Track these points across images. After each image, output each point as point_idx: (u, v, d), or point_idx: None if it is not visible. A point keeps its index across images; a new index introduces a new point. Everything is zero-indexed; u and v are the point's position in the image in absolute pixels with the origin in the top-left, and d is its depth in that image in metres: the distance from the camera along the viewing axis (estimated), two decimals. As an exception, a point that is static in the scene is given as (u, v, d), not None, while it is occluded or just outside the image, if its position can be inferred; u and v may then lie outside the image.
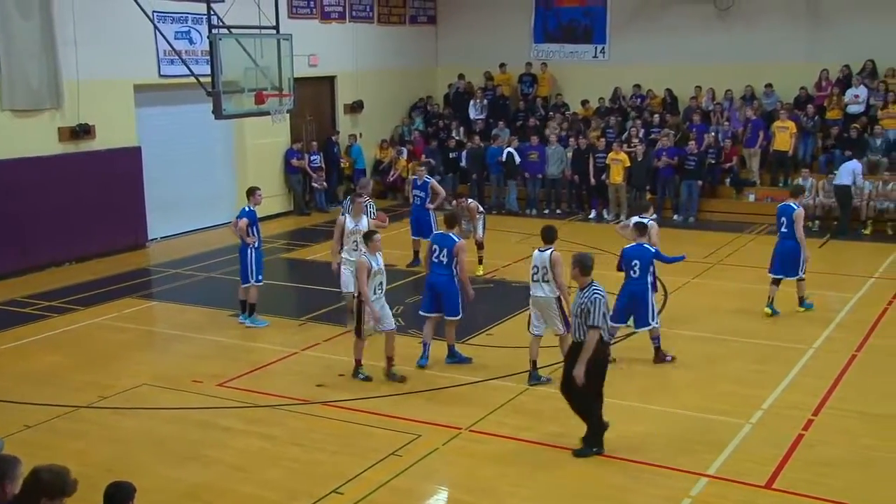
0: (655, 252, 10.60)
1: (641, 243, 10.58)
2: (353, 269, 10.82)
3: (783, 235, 12.36)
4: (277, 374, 10.61)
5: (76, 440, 8.79)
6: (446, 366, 10.56)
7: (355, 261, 10.74)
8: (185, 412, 9.44)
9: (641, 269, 10.45)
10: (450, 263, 10.43)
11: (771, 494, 7.52)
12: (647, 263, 10.46)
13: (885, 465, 8.04)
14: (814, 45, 20.60)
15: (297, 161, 20.31)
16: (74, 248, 16.05)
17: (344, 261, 11.70)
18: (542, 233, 10.01)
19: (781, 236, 12.40)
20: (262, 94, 13.70)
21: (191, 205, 18.54)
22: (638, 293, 10.46)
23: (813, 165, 19.24)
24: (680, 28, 21.71)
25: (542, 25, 23.74)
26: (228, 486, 7.81)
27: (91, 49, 15.93)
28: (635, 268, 10.46)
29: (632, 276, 10.49)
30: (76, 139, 16.05)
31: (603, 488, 7.69)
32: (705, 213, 19.40)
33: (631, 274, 10.50)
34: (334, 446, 8.55)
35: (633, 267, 10.47)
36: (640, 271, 10.45)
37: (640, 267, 10.44)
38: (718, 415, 9.09)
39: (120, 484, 5.06)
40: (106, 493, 4.99)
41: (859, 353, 10.89)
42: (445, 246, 10.45)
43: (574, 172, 20.11)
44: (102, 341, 11.89)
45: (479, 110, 23.09)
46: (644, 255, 10.47)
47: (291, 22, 18.59)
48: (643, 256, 10.45)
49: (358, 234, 11.42)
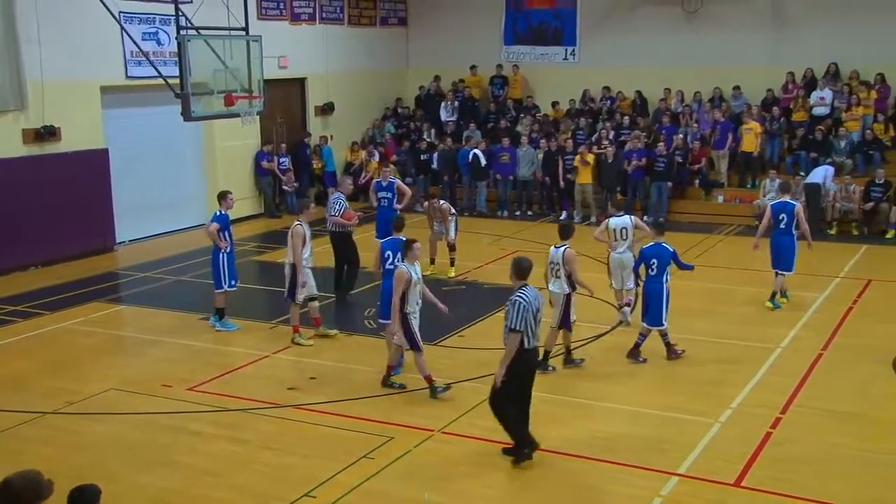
0: (673, 253, 10.89)
1: (660, 242, 10.90)
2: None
3: (780, 232, 12.75)
4: (248, 378, 10.54)
5: (43, 446, 8.66)
6: (406, 363, 10.54)
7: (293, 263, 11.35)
8: (155, 417, 9.35)
9: (659, 268, 10.72)
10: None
11: (740, 492, 7.60)
12: (664, 263, 10.75)
13: (850, 462, 8.15)
14: (779, 49, 20.91)
15: (268, 163, 20.22)
16: (40, 252, 15.84)
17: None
18: (559, 230, 10.59)
19: (778, 233, 12.78)
20: (232, 96, 13.59)
21: (160, 207, 18.39)
22: (653, 292, 10.69)
23: (780, 167, 19.47)
24: (649, 31, 21.91)
25: (512, 27, 23.82)
26: (199, 492, 7.75)
27: (56, 49, 15.74)
28: (653, 266, 10.74)
29: (650, 273, 10.77)
30: (41, 141, 15.85)
31: (575, 489, 7.72)
32: (675, 214, 19.55)
33: (649, 272, 10.78)
34: (306, 449, 8.51)
35: (651, 265, 10.76)
36: (657, 269, 10.72)
37: (658, 266, 10.72)
38: (688, 414, 9.17)
39: (84, 488, 4.93)
40: (70, 497, 4.87)
41: (825, 351, 11.04)
42: (399, 251, 10.25)
43: (545, 174, 20.19)
44: (70, 346, 11.74)
45: (451, 112, 23.12)
46: (662, 254, 10.77)
47: (261, 23, 18.52)
48: (661, 256, 10.75)
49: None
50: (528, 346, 7.96)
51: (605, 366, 10.68)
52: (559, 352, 10.60)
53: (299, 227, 11.43)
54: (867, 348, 11.00)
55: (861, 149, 19.16)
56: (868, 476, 7.88)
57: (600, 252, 13.10)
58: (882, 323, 12.11)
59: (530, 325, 7.91)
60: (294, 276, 11.46)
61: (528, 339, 7.92)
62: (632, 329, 11.49)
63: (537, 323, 8.03)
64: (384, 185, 14.96)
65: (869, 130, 19.21)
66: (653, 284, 10.70)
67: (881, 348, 10.82)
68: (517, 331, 7.84)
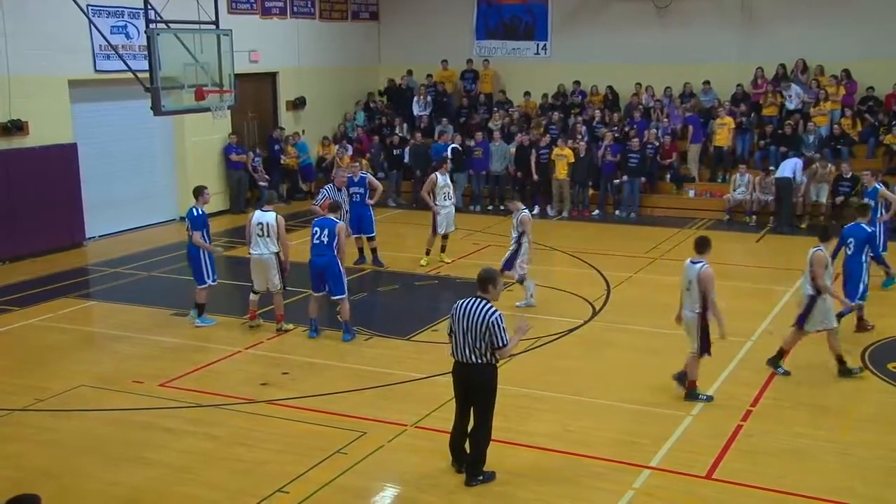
0: (871, 233, 11.55)
1: (860, 223, 11.45)
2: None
3: (848, 258, 11.53)
4: (221, 374, 10.48)
5: (11, 444, 8.57)
6: (391, 362, 10.57)
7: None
8: (126, 413, 9.26)
9: (855, 247, 11.27)
10: (331, 244, 11.20)
11: (711, 484, 7.67)
12: (861, 242, 11.27)
13: (818, 453, 8.26)
14: (748, 45, 21.16)
15: (237, 156, 20.04)
16: (7, 248, 15.64)
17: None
18: (695, 243, 9.40)
19: (848, 258, 11.56)
20: (202, 91, 13.48)
21: (130, 203, 18.22)
22: (850, 269, 11.26)
23: (749, 162, 19.66)
24: (620, 26, 22.04)
25: (483, 22, 23.84)
26: (171, 488, 7.69)
27: (22, 43, 15.53)
28: (850, 245, 11.32)
29: (847, 253, 11.35)
30: (8, 135, 15.63)
31: (548, 482, 7.75)
32: (646, 208, 19.71)
33: (846, 251, 11.36)
34: (279, 445, 8.48)
35: (848, 244, 11.34)
36: (853, 248, 11.27)
37: (855, 245, 11.27)
38: (661, 407, 9.24)
39: (22, 498, 4.64)
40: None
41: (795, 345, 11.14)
42: (327, 226, 11.17)
43: (517, 169, 20.23)
44: (38, 343, 11.60)
45: (423, 107, 23.09)
46: (859, 234, 11.33)
47: (231, 17, 18.39)
48: (858, 235, 11.31)
49: (262, 226, 11.59)
50: (450, 353, 7.61)
51: (577, 360, 10.73)
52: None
53: (278, 216, 11.65)
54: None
55: (829, 143, 19.40)
56: (838, 468, 7.99)
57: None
58: (850, 317, 12.24)
59: (454, 334, 7.48)
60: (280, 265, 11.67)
61: (453, 350, 7.53)
62: (611, 325, 11.52)
63: (465, 341, 7.34)
64: (356, 180, 14.90)
65: (837, 125, 19.45)
66: (850, 263, 11.28)
67: (853, 341, 10.99)
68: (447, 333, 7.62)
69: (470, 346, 7.35)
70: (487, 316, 7.27)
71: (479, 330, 7.27)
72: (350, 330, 11.45)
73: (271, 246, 11.56)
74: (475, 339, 7.32)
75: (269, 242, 11.56)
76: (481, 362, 7.38)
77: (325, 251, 11.25)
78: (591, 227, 18.70)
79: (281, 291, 11.75)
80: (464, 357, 7.42)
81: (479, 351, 7.34)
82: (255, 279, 11.80)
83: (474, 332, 7.31)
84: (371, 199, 14.89)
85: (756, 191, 18.64)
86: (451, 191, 15.14)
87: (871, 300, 11.85)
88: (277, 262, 11.61)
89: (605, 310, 12.65)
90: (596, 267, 14.94)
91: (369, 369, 10.40)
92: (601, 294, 13.36)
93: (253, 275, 11.80)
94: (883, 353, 10.84)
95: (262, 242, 11.58)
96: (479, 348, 7.33)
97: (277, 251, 11.59)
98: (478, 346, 7.33)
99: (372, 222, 14.90)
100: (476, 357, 7.37)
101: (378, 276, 14.74)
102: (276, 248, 11.58)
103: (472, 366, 7.41)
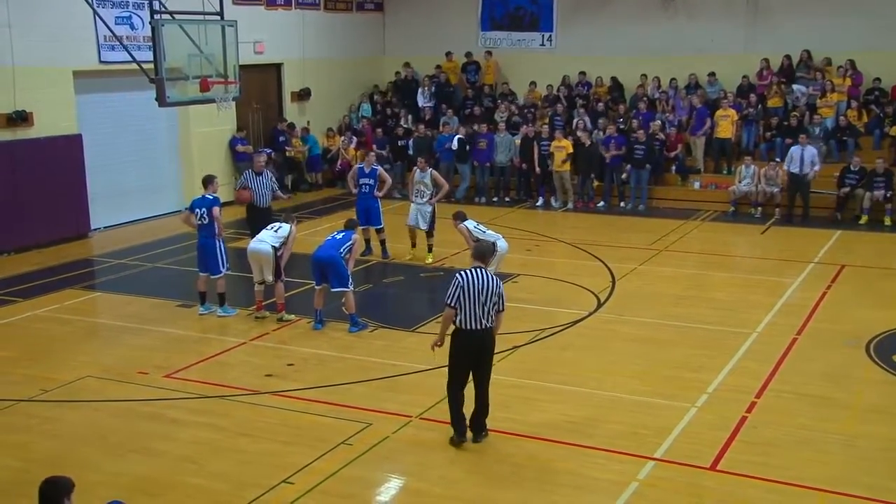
0: None
1: None
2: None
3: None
4: (226, 365, 10.50)
5: (17, 434, 8.60)
6: (396, 353, 10.58)
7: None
8: (131, 404, 9.29)
9: None
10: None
11: (716, 476, 7.67)
12: None
13: (823, 445, 8.25)
14: (753, 36, 21.09)
15: (243, 147, 20.03)
16: (13, 239, 15.66)
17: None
18: None
19: None
20: (207, 82, 13.47)
21: (135, 194, 18.24)
22: None
23: (755, 153, 19.61)
24: (625, 17, 21.97)
25: (489, 13, 23.76)
26: (176, 479, 7.72)
27: (27, 34, 15.52)
28: None
29: None
30: (13, 126, 15.64)
31: (552, 473, 7.76)
32: (652, 200, 19.66)
33: None
34: (284, 436, 8.50)
35: None
36: None
37: None
38: (665, 399, 9.24)
39: (55, 480, 4.77)
40: (40, 490, 4.75)
41: (800, 336, 11.15)
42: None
43: (522, 160, 20.19)
44: (44, 333, 11.63)
45: (427, 98, 23.05)
46: None
47: (236, 8, 18.31)
48: None
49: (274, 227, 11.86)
50: (464, 326, 7.96)
51: (581, 351, 10.74)
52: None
53: (293, 226, 11.85)
54: (841, 333, 11.14)
55: (835, 135, 19.34)
56: (843, 460, 7.98)
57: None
58: (855, 308, 12.25)
59: (462, 305, 7.91)
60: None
61: (463, 320, 7.94)
62: (616, 317, 11.52)
63: (484, 308, 7.91)
64: (367, 171, 14.93)
65: (843, 117, 19.39)
66: None
67: (855, 333, 10.98)
68: (449, 305, 7.98)
69: (486, 313, 7.96)
70: (498, 284, 8.09)
71: (493, 297, 7.98)
72: (356, 322, 11.41)
73: (274, 242, 11.58)
74: (490, 305, 7.98)
75: (274, 238, 11.58)
76: (491, 325, 8.06)
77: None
78: (595, 219, 18.67)
79: (278, 282, 11.76)
80: (480, 324, 7.97)
81: (490, 315, 8.01)
82: (253, 269, 11.87)
83: (489, 299, 7.96)
84: (380, 192, 14.89)
85: (762, 182, 18.58)
86: (424, 189, 14.59)
87: None
88: (274, 259, 11.60)
89: (610, 301, 12.65)
90: (601, 258, 14.93)
91: (374, 360, 10.41)
92: (606, 285, 13.36)
93: (251, 264, 11.86)
94: (888, 344, 10.82)
95: (267, 236, 11.60)
96: (490, 313, 7.99)
97: (278, 247, 11.60)
98: (490, 312, 7.99)
99: (380, 214, 14.89)
100: (489, 321, 8.02)
101: (383, 267, 14.75)
102: (277, 244, 11.60)
103: (486, 330, 8.02)
